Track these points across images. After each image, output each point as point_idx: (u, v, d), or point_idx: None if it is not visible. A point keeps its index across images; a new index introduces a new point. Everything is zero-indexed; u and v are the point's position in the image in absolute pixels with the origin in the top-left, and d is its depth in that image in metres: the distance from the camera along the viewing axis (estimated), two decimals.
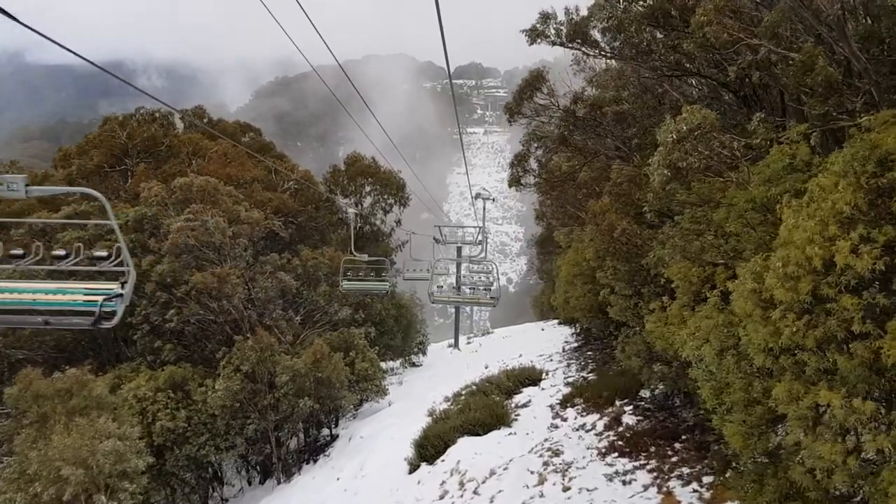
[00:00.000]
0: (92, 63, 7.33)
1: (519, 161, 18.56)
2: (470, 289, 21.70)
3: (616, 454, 15.34)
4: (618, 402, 18.85)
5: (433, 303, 23.94)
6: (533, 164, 18.79)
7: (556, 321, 51.00)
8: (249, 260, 26.85)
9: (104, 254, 7.52)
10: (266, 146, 45.36)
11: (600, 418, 18.36)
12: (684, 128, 9.15)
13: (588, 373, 23.58)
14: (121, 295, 7.06)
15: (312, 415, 25.60)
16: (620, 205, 14.49)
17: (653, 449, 14.97)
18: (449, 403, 24.51)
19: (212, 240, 24.95)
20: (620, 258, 14.38)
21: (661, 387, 18.27)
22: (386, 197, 38.94)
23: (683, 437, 15.17)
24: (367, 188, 38.35)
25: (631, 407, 18.30)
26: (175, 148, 35.22)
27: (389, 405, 29.03)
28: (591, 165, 22.04)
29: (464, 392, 24.92)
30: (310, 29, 8.74)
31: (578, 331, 36.99)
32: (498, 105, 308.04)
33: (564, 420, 19.17)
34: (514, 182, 19.16)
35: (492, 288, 20.17)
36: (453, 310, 56.31)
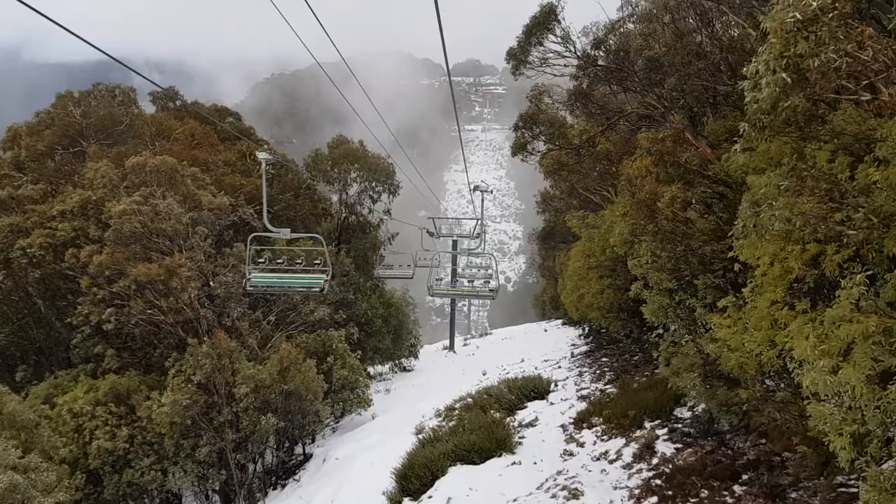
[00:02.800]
0: (105, 53, 7.32)
1: (525, 122, 14.83)
2: (469, 282, 19.19)
3: (655, 499, 11.67)
4: (648, 424, 15.19)
5: (432, 296, 22.04)
6: (542, 127, 15.09)
7: (559, 321, 47.41)
8: (209, 251, 23.06)
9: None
10: (245, 131, 41.65)
11: (626, 444, 14.69)
12: (814, 4, 5.46)
13: (605, 384, 19.88)
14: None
15: (280, 432, 21.90)
16: (663, 168, 10.82)
17: (705, 493, 11.31)
18: (440, 419, 20.90)
19: (163, 226, 21.22)
20: (665, 239, 10.71)
21: (703, 405, 14.66)
22: (374, 184, 35.08)
23: (745, 476, 11.51)
24: (353, 174, 34.45)
25: (665, 430, 14.62)
26: (137, 128, 31.41)
27: (373, 418, 25.36)
28: (610, 136, 18.43)
29: (458, 406, 21.28)
30: (305, 27, 9.32)
31: (587, 332, 33.38)
32: (496, 102, 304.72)
33: (581, 445, 15.50)
34: (520, 148, 15.44)
35: (491, 280, 17.56)
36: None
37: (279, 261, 16.19)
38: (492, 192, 56.08)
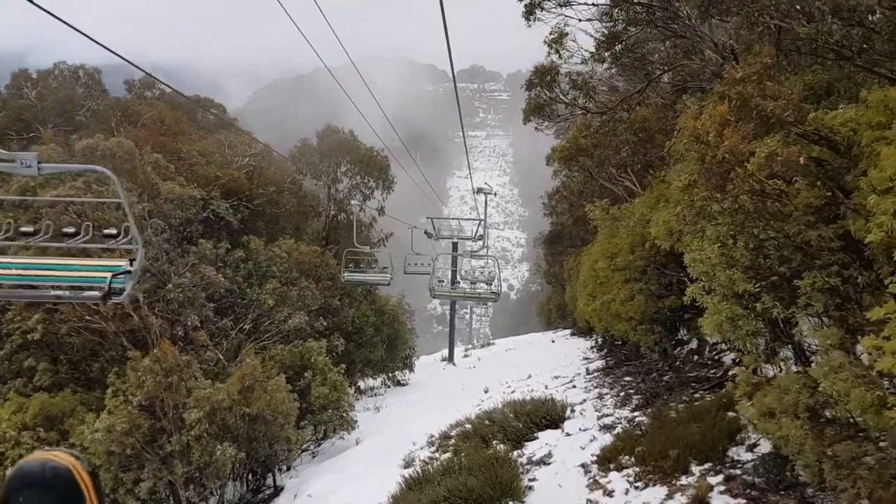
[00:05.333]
0: (114, 52, 6.73)
1: (542, 77, 11.48)
2: (471, 283, 17.48)
3: None
4: (695, 468, 11.76)
5: (433, 297, 21.15)
6: (563, 83, 11.76)
7: (567, 331, 44.05)
8: (166, 248, 19.80)
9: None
10: (230, 124, 38.70)
11: (670, 496, 11.28)
12: None
13: (633, 410, 16.44)
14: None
15: (244, 462, 18.54)
16: (747, 117, 7.59)
17: None
18: (433, 449, 17.54)
19: (107, 217, 18.02)
20: (747, 220, 7.43)
21: (765, 444, 11.31)
22: (366, 179, 31.94)
23: None
24: (344, 167, 31.30)
25: (720, 478, 11.19)
26: (101, 113, 28.31)
27: (357, 443, 21.99)
28: (639, 110, 15.20)
29: (454, 433, 17.90)
30: (310, 33, 9.79)
31: (600, 344, 30.00)
32: (500, 108, 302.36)
33: (609, 495, 12.07)
34: (534, 110, 12.07)
35: (493, 282, 15.68)
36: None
37: (25, 228, 6.99)
38: (495, 194, 53.34)
